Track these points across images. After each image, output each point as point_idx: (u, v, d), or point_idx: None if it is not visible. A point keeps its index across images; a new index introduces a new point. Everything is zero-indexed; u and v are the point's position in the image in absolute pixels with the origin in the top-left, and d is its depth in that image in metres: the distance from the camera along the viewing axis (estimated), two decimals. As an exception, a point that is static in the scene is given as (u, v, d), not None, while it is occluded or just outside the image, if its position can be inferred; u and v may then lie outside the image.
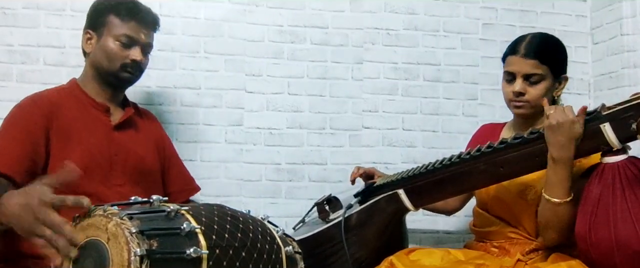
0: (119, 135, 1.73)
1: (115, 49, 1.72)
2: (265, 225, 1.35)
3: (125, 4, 1.75)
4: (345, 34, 2.33)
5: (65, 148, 1.62)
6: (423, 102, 2.36)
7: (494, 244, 1.70)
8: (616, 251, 1.37)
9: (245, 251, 1.21)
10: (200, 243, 1.13)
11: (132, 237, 1.05)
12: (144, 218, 1.12)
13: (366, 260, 1.66)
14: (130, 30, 1.73)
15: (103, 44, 1.72)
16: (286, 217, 2.11)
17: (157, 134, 1.91)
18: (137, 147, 1.76)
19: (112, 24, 1.72)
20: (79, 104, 1.71)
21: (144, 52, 1.77)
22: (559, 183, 1.46)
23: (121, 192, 1.63)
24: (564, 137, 1.42)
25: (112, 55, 1.72)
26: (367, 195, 1.78)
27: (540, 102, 1.60)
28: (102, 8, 1.75)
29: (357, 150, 2.31)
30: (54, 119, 1.63)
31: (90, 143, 1.66)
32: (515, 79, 1.64)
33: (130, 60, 1.73)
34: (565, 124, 1.42)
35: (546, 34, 1.71)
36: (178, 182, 1.93)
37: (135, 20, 1.74)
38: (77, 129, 1.66)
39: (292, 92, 2.29)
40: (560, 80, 1.67)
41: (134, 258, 1.03)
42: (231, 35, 2.26)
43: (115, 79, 1.74)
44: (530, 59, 1.61)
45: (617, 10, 2.30)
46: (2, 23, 2.11)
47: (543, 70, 1.62)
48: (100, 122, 1.71)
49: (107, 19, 1.73)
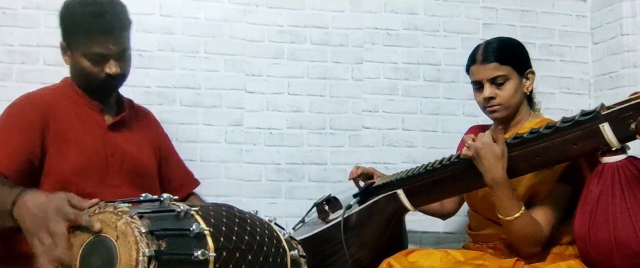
0: (114, 136, 1.71)
1: (87, 66, 1.63)
2: (272, 228, 1.35)
3: (87, 14, 1.62)
4: (345, 34, 2.33)
5: (62, 149, 1.61)
6: (423, 102, 2.36)
7: (490, 246, 1.70)
8: (615, 251, 1.38)
9: (251, 254, 1.21)
10: (208, 246, 1.13)
11: (142, 236, 1.05)
12: (154, 217, 1.12)
13: (366, 260, 1.66)
14: (98, 47, 1.61)
15: (75, 61, 1.65)
16: (286, 217, 2.10)
17: (153, 132, 1.89)
18: (133, 148, 1.74)
19: (79, 42, 1.63)
20: (73, 103, 1.69)
21: (119, 60, 1.66)
22: (505, 202, 1.51)
23: (118, 193, 1.61)
24: (488, 160, 1.49)
25: (86, 72, 1.65)
26: (366, 195, 1.78)
27: (513, 102, 1.67)
28: (68, 22, 1.65)
29: (357, 150, 2.31)
30: (50, 119, 1.62)
31: (87, 143, 1.65)
32: (483, 86, 1.68)
33: (105, 75, 1.64)
34: (484, 149, 1.49)
35: (500, 37, 1.81)
36: (177, 177, 1.91)
37: (100, 33, 1.61)
38: (72, 129, 1.65)
39: (292, 92, 2.29)
40: (527, 75, 1.71)
41: (142, 259, 1.03)
42: (231, 35, 2.26)
43: (97, 91, 1.70)
44: (489, 62, 1.66)
45: (617, 10, 2.30)
46: (2, 23, 2.11)
47: (505, 70, 1.66)
48: (95, 122, 1.70)
49: (73, 34, 1.64)
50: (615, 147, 1.40)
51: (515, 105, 1.69)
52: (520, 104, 1.70)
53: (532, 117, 1.72)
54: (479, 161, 1.51)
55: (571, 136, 1.43)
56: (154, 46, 2.20)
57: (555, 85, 2.45)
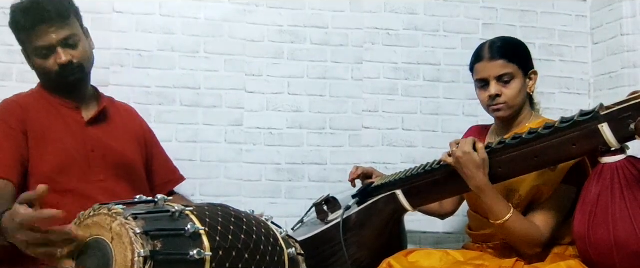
0: (94, 131, 1.72)
1: (40, 63, 1.63)
2: (268, 227, 1.36)
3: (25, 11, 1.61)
4: (345, 34, 2.33)
5: (41, 149, 1.63)
6: (423, 102, 2.36)
7: (490, 246, 1.70)
8: (615, 251, 1.37)
9: (248, 253, 1.21)
10: (204, 245, 1.13)
11: (137, 237, 1.05)
12: (148, 218, 1.12)
13: (365, 260, 1.66)
14: (39, 39, 1.60)
15: (32, 63, 1.67)
16: (286, 217, 2.10)
17: (136, 127, 1.88)
18: (114, 142, 1.75)
19: (23, 42, 1.64)
20: (48, 105, 1.70)
21: (67, 47, 1.63)
22: (494, 206, 1.53)
23: (104, 187, 1.64)
24: (469, 168, 1.51)
25: (42, 70, 1.65)
26: (366, 195, 1.78)
27: (517, 102, 1.67)
28: (13, 26, 1.65)
29: (357, 150, 2.31)
30: (27, 122, 1.64)
31: (65, 141, 1.66)
32: (488, 84, 1.68)
33: (58, 66, 1.62)
34: (464, 157, 1.51)
35: (505, 37, 1.81)
36: (161, 173, 1.91)
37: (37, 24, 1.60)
38: (50, 130, 1.66)
39: (292, 92, 2.29)
40: (530, 76, 1.72)
41: (138, 259, 1.04)
42: (231, 35, 2.26)
43: (65, 86, 1.69)
44: (497, 59, 1.66)
45: (617, 10, 2.30)
46: (2, 23, 2.10)
47: (512, 68, 1.66)
48: (72, 120, 1.70)
49: (18, 38, 1.65)
50: (615, 147, 1.39)
51: (519, 104, 1.68)
52: (523, 104, 1.70)
53: (533, 117, 1.72)
54: (460, 169, 1.53)
55: (570, 136, 1.42)
56: (154, 46, 2.20)
57: (555, 85, 2.44)
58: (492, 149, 1.53)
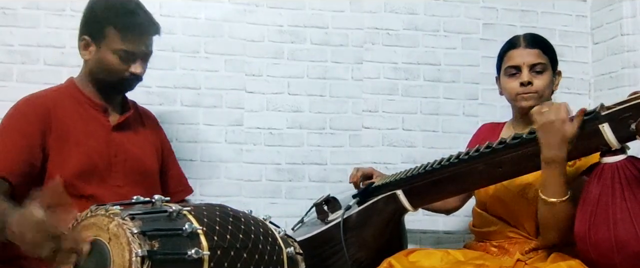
0: (118, 136, 1.72)
1: (114, 63, 1.65)
2: (266, 226, 1.36)
3: (124, 14, 1.66)
4: (345, 34, 2.33)
5: (63, 151, 1.61)
6: (423, 102, 2.36)
7: (494, 244, 1.70)
8: (616, 251, 1.37)
9: (246, 252, 1.21)
10: (202, 244, 1.13)
11: (134, 237, 1.06)
12: (146, 218, 1.12)
13: (365, 260, 1.66)
14: (131, 45, 1.65)
15: (102, 57, 1.66)
16: (286, 217, 2.10)
17: (156, 135, 1.90)
18: (136, 148, 1.75)
19: (111, 38, 1.64)
20: (76, 104, 1.70)
21: (145, 61, 1.72)
22: (554, 183, 1.44)
23: (120, 193, 1.62)
24: (556, 137, 1.40)
25: (112, 68, 1.66)
26: (366, 195, 1.78)
27: (545, 94, 1.65)
28: (99, 17, 1.66)
29: (357, 150, 2.31)
30: (51, 121, 1.63)
31: (89, 145, 1.65)
32: (519, 71, 1.67)
33: (130, 74, 1.68)
34: (557, 123, 1.40)
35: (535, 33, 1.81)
36: (174, 183, 1.93)
37: (136, 32, 1.67)
38: (75, 131, 1.65)
39: (292, 92, 2.29)
40: (556, 74, 1.72)
41: (135, 259, 1.04)
42: (231, 35, 2.26)
43: (113, 89, 1.72)
44: (534, 48, 1.67)
45: (617, 10, 2.30)
46: (2, 23, 2.11)
47: (545, 60, 1.67)
48: (98, 123, 1.70)
49: (105, 30, 1.65)
50: (615, 147, 1.39)
51: (546, 97, 1.67)
52: (548, 99, 1.69)
53: None
54: (544, 134, 1.41)
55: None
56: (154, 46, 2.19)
57: (556, 85, 2.45)
58: (493, 149, 1.53)
